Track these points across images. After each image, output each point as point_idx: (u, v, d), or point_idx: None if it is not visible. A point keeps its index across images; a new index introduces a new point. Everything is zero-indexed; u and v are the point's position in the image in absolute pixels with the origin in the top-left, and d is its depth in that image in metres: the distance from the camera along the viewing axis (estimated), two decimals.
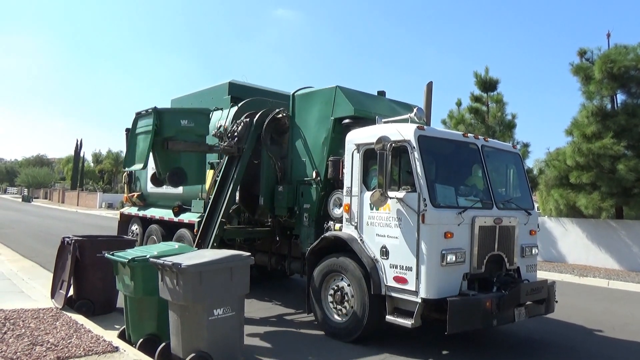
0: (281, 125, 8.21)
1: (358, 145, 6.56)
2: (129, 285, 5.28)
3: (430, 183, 5.87)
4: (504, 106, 18.25)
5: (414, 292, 5.73)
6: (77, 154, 64.25)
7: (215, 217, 7.94)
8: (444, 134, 6.47)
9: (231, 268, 4.86)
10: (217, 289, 4.73)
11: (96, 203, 48.80)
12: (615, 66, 14.48)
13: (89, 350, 5.11)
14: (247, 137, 8.08)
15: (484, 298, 5.71)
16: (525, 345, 6.67)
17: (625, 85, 15.05)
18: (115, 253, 5.56)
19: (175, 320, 4.81)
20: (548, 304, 6.40)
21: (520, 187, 7.07)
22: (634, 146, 14.52)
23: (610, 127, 14.59)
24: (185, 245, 6.56)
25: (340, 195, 6.92)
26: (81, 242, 6.78)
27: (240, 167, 7.97)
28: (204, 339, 4.65)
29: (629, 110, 14.81)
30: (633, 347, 6.79)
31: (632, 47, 15.00)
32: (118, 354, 5.07)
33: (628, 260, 14.68)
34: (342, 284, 6.50)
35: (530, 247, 6.70)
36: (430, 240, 5.68)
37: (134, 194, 11.15)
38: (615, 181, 14.24)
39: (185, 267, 4.54)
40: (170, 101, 10.66)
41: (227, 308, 4.82)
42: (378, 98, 8.00)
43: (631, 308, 9.61)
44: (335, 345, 6.24)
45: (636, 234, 14.69)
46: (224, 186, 8.09)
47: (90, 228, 22.22)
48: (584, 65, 15.67)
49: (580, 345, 6.72)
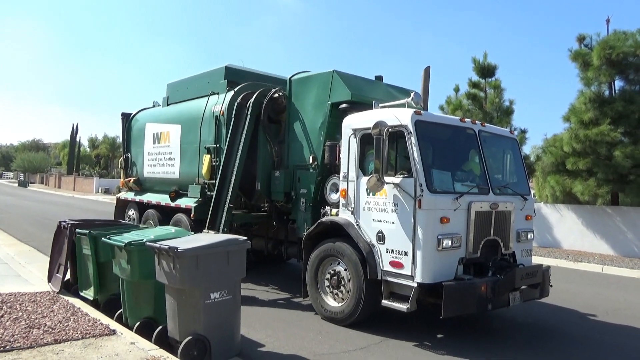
0: (278, 105, 8.16)
1: (355, 130, 6.54)
2: (126, 269, 5.27)
3: (427, 168, 5.86)
4: (502, 92, 18.17)
5: (409, 276, 5.76)
6: (73, 139, 64.00)
7: (222, 203, 7.97)
8: (441, 119, 6.45)
9: (228, 252, 4.85)
10: (213, 272, 4.74)
11: (93, 188, 48.72)
12: (614, 52, 14.34)
13: (86, 333, 5.10)
14: (246, 119, 8.05)
15: (479, 282, 5.74)
16: (519, 328, 6.73)
17: (623, 71, 14.90)
18: (112, 237, 5.54)
19: (172, 304, 4.82)
20: (543, 288, 6.45)
21: (517, 173, 7.08)
22: (631, 133, 14.45)
23: (607, 113, 14.47)
24: (182, 229, 6.56)
25: (337, 181, 6.91)
26: (77, 226, 6.71)
27: (242, 150, 7.95)
28: (201, 323, 4.67)
29: (626, 96, 14.68)
30: (623, 331, 6.86)
31: (631, 33, 14.84)
32: (115, 337, 5.07)
33: (622, 246, 14.76)
34: (339, 268, 6.52)
35: (526, 232, 6.73)
36: (427, 225, 5.69)
37: (131, 178, 11.13)
38: (612, 168, 14.21)
39: (181, 251, 4.53)
40: (166, 86, 10.58)
41: (224, 292, 4.82)
42: (375, 83, 7.96)
43: (624, 293, 9.70)
44: (330, 329, 6.26)
45: (631, 221, 14.74)
46: (227, 171, 8.08)
47: (87, 213, 22.21)
48: (583, 52, 15.52)
49: (572, 329, 6.78)
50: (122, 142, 11.91)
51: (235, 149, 8.07)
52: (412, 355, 5.50)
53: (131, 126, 11.57)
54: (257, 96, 8.14)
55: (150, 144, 10.60)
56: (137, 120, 11.44)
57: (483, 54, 18.46)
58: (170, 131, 9.88)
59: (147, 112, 11.35)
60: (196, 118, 9.07)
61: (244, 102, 8.21)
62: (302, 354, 5.34)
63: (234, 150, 8.08)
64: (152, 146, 10.55)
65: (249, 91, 8.38)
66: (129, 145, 11.57)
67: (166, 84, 10.57)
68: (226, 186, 8.02)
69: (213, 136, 8.66)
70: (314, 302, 6.80)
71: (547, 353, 5.78)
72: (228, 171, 8.07)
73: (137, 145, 11.23)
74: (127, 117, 11.74)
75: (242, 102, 8.20)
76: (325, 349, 5.54)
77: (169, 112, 10.29)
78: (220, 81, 9.04)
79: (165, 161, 10.03)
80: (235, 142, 8.09)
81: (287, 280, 9.04)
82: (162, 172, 10.15)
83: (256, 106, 8.07)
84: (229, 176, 8.04)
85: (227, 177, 8.07)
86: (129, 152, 11.52)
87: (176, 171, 9.70)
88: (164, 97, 10.66)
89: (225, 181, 8.06)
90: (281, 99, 8.11)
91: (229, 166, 8.07)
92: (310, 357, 5.26)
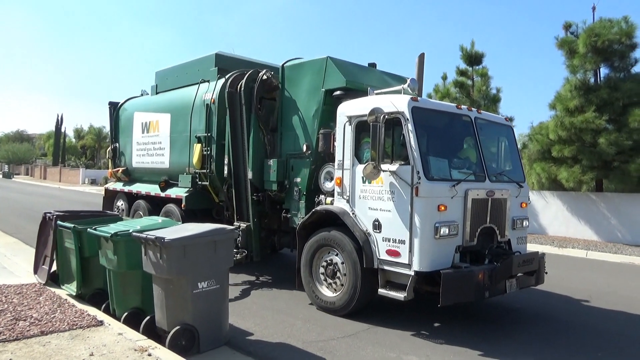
0: (269, 85, 7.92)
1: (350, 117, 6.36)
2: (113, 260, 5.18)
3: (424, 156, 5.71)
4: (489, 80, 18.15)
5: (407, 265, 5.64)
6: (58, 130, 62.73)
7: (244, 197, 7.98)
8: (437, 105, 6.29)
9: (215, 241, 4.79)
10: (201, 262, 4.68)
11: (79, 179, 47.90)
12: (600, 40, 14.34)
13: (73, 324, 5.02)
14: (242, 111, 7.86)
15: (477, 270, 5.63)
16: (507, 314, 6.69)
17: (608, 59, 14.92)
18: (98, 228, 5.42)
19: (159, 294, 4.75)
20: (538, 275, 6.37)
21: (512, 160, 6.96)
22: (615, 120, 14.51)
23: (592, 101, 14.53)
24: (169, 219, 6.39)
25: (332, 169, 6.74)
26: (63, 217, 6.56)
27: (248, 142, 7.82)
28: (189, 312, 4.63)
29: (611, 84, 14.72)
30: (606, 314, 6.89)
31: (617, 21, 14.83)
32: (103, 327, 4.99)
33: (606, 231, 14.88)
34: (334, 258, 6.37)
35: (521, 220, 6.64)
36: (424, 213, 5.56)
37: (119, 169, 10.81)
38: (596, 155, 14.28)
39: (168, 241, 4.45)
40: (155, 74, 10.27)
41: (212, 281, 4.78)
42: (369, 69, 7.76)
43: (607, 277, 9.77)
44: (319, 317, 6.19)
45: (614, 207, 14.84)
46: (239, 165, 7.98)
47: (74, 204, 21.81)
48: (569, 39, 15.51)
49: (557, 313, 6.80)
50: (110, 132, 11.57)
51: (239, 141, 7.90)
52: (400, 341, 5.46)
53: (119, 115, 11.22)
54: (247, 81, 7.90)
55: (139, 133, 10.29)
56: (125, 110, 11.10)
57: (471, 42, 18.37)
58: (160, 120, 9.59)
59: (136, 100, 11.00)
60: (186, 106, 8.80)
61: (235, 89, 7.96)
62: (290, 341, 5.29)
63: (239, 143, 7.91)
64: (140, 135, 10.25)
65: (238, 73, 8.17)
66: (116, 134, 11.23)
67: (155, 72, 10.27)
68: (242, 180, 7.94)
69: (204, 125, 8.41)
70: (309, 293, 6.65)
71: (536, 338, 5.74)
72: (239, 165, 7.95)
73: (125, 135, 10.90)
74: (115, 106, 11.38)
75: (233, 90, 7.95)
76: (313, 336, 5.49)
77: (158, 101, 9.98)
78: (210, 69, 8.77)
79: (154, 151, 9.75)
80: (237, 134, 7.89)
81: (277, 270, 8.92)
82: (151, 161, 9.87)
83: (247, 94, 7.84)
84: (241, 170, 7.94)
85: (240, 172, 7.96)
86: (117, 142, 11.17)
87: (166, 161, 9.43)
88: (152, 86, 10.34)
89: (240, 176, 7.97)
90: (270, 79, 7.88)
91: (239, 159, 7.93)
92: (299, 344, 5.21)
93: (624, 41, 14.51)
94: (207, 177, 8.36)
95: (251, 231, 7.83)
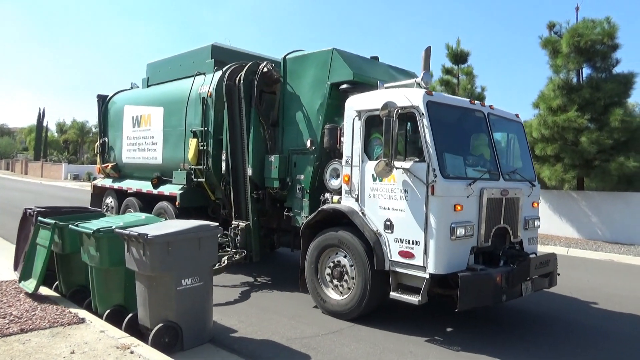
0: (269, 77, 7.31)
1: (359, 111, 5.84)
2: (95, 257, 4.98)
3: (440, 153, 5.24)
4: (474, 79, 17.87)
5: (421, 267, 5.18)
6: (40, 124, 60.53)
7: (243, 194, 7.41)
8: (452, 100, 5.81)
9: (199, 238, 4.65)
10: (185, 259, 4.55)
11: (61, 174, 46.19)
12: (582, 40, 14.12)
13: (54, 322, 4.84)
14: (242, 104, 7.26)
15: (495, 272, 5.20)
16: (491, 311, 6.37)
17: (591, 59, 14.70)
18: (80, 224, 5.21)
19: (142, 291, 4.59)
20: (552, 277, 5.98)
21: (523, 158, 6.54)
22: (597, 119, 14.34)
23: (575, 100, 14.34)
24: (152, 216, 5.99)
25: (338, 166, 6.22)
26: (44, 213, 6.20)
27: (248, 137, 7.23)
28: (172, 309, 4.50)
29: (593, 84, 14.54)
30: (583, 308, 6.75)
31: (599, 21, 14.61)
32: (84, 325, 4.82)
33: (586, 229, 14.74)
34: (341, 259, 5.87)
35: (533, 220, 6.23)
36: (440, 213, 5.11)
37: (108, 164, 10.06)
38: (578, 153, 14.12)
39: (152, 237, 4.31)
40: (146, 65, 9.56)
41: (196, 278, 4.64)
42: (375, 62, 7.24)
43: (587, 274, 9.62)
44: (304, 314, 5.95)
45: (595, 205, 14.72)
46: (237, 161, 7.40)
47: (56, 200, 20.78)
48: (553, 39, 15.28)
49: (534, 307, 6.63)
50: (99, 126, 10.77)
51: (238, 136, 7.30)
52: (384, 338, 5.28)
53: (108, 109, 10.44)
54: (246, 74, 7.30)
55: (130, 127, 9.57)
56: (114, 103, 10.33)
57: (456, 40, 18.01)
58: (152, 114, 8.90)
59: (125, 94, 10.27)
60: (181, 100, 8.15)
61: (233, 81, 7.36)
62: (274, 338, 5.13)
63: (237, 138, 7.32)
64: (131, 130, 9.53)
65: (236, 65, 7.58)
66: (105, 129, 10.45)
67: (146, 64, 9.55)
68: (240, 176, 7.36)
69: (200, 119, 7.78)
70: (314, 296, 6.13)
71: (521, 337, 5.49)
72: (238, 161, 7.35)
73: (114, 129, 10.14)
74: (104, 100, 10.59)
75: (231, 83, 7.35)
76: (297, 333, 5.32)
77: (149, 94, 9.28)
78: (206, 60, 8.13)
79: (146, 146, 9.05)
80: (236, 128, 7.29)
81: (264, 267, 8.44)
82: (142, 157, 9.17)
83: (247, 87, 7.24)
84: (240, 166, 7.35)
85: (239, 168, 7.37)
86: (106, 137, 10.39)
87: (158, 156, 8.75)
88: (143, 78, 9.61)
89: (238, 172, 7.38)
90: (271, 72, 7.28)
91: (237, 155, 7.33)
92: (283, 341, 5.06)
93: (606, 42, 14.31)
94: (203, 174, 7.74)
95: (251, 230, 7.28)
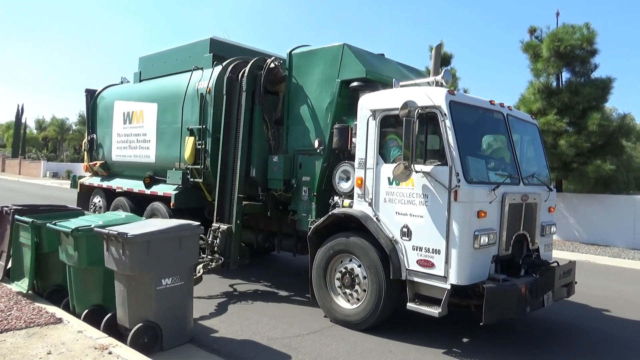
0: (274, 75, 6.74)
1: (374, 111, 5.34)
2: (73, 256, 4.76)
3: (463, 156, 4.78)
4: (457, 81, 17.64)
5: (442, 277, 4.71)
6: (19, 120, 58.06)
7: (229, 193, 6.69)
8: (473, 100, 5.34)
9: (180, 237, 4.51)
10: (165, 258, 4.40)
11: (40, 172, 44.36)
12: (562, 45, 14.03)
13: (30, 322, 4.63)
14: (242, 98, 6.63)
15: (520, 283, 4.76)
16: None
17: (570, 63, 14.63)
18: (58, 222, 4.97)
19: (121, 291, 4.44)
20: (570, 286, 5.59)
21: (538, 161, 6.13)
22: (575, 123, 14.29)
23: (554, 104, 14.23)
24: (133, 214, 5.62)
25: (349, 168, 5.71)
26: (21, 211, 5.84)
27: (243, 133, 6.59)
28: (152, 309, 4.36)
29: (572, 88, 14.46)
30: (561, 310, 6.42)
31: (579, 27, 14.56)
32: (62, 325, 4.63)
33: (564, 230, 14.62)
34: (352, 266, 5.37)
35: (550, 226, 5.83)
36: (463, 220, 4.65)
37: (97, 162, 9.26)
38: (557, 156, 14.00)
39: (132, 236, 4.17)
40: (139, 59, 8.83)
41: (176, 277, 4.49)
42: (385, 59, 6.71)
43: None
44: (285, 314, 5.75)
45: (573, 206, 14.64)
46: (228, 158, 6.73)
47: (34, 198, 19.63)
48: (533, 43, 15.17)
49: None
50: (87, 122, 9.95)
51: (232, 131, 6.67)
52: (364, 337, 5.10)
53: (96, 104, 9.64)
54: (251, 68, 6.69)
55: (120, 124, 8.83)
56: (103, 98, 9.55)
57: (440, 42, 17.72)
58: (145, 110, 8.19)
59: (116, 88, 9.51)
60: (177, 96, 7.48)
61: (236, 76, 6.74)
62: (255, 338, 4.96)
63: (232, 133, 6.68)
64: (122, 127, 8.79)
65: (239, 60, 6.96)
66: (94, 125, 9.65)
67: (138, 58, 8.80)
68: (229, 175, 6.69)
69: (197, 116, 7.13)
70: (322, 304, 5.61)
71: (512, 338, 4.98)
72: (229, 158, 6.70)
73: (103, 126, 9.37)
74: (92, 94, 9.79)
75: (234, 77, 6.73)
76: (279, 333, 5.16)
77: (142, 89, 8.55)
78: (204, 55, 7.47)
79: (138, 143, 8.34)
80: (232, 123, 6.66)
81: (247, 267, 7.82)
82: (134, 155, 8.45)
83: (251, 81, 6.63)
84: (230, 163, 6.67)
85: (228, 165, 6.70)
86: (94, 133, 9.59)
87: (151, 154, 8.05)
88: (135, 73, 8.85)
89: (228, 169, 6.70)
90: (277, 69, 6.70)
91: (229, 151, 6.69)
92: (264, 341, 4.90)
93: (585, 47, 14.27)
94: (200, 174, 7.10)
95: (232, 234, 6.54)
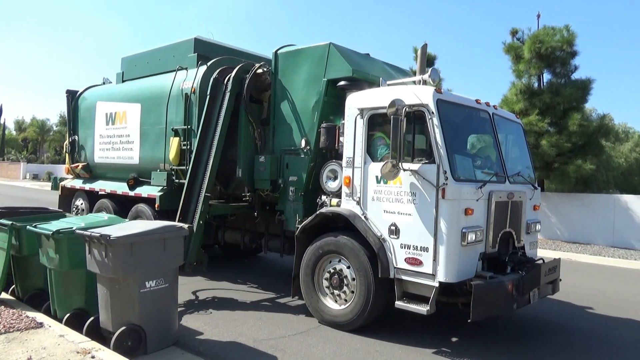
0: (261, 82, 6.65)
1: (362, 109, 5.28)
2: (54, 259, 4.63)
3: (451, 154, 4.76)
4: (441, 82, 17.64)
5: (430, 275, 4.68)
6: None
7: (196, 192, 6.41)
8: (460, 99, 5.32)
9: (164, 239, 4.40)
10: (149, 260, 4.29)
11: (19, 174, 43.33)
12: (543, 46, 14.18)
13: (10, 327, 4.50)
14: (225, 98, 6.49)
15: (507, 280, 4.75)
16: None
17: (551, 65, 14.79)
18: (39, 225, 4.83)
19: (104, 294, 4.33)
20: (555, 283, 5.61)
21: (523, 160, 6.15)
22: (556, 123, 14.45)
23: (536, 104, 14.37)
24: (116, 216, 5.50)
25: (336, 167, 5.64)
26: (1, 214, 5.62)
27: (221, 132, 6.41)
28: (136, 312, 4.24)
29: (553, 89, 14.63)
30: (540, 306, 6.45)
31: (559, 29, 14.74)
32: (43, 329, 4.50)
33: (546, 229, 14.77)
34: (341, 266, 5.30)
35: (535, 224, 5.85)
36: (451, 217, 4.62)
37: (79, 164, 9.01)
38: (538, 156, 14.11)
39: (114, 238, 4.05)
40: (121, 59, 8.63)
41: (160, 280, 4.38)
42: (371, 59, 6.68)
43: None
44: (271, 315, 5.69)
45: (555, 205, 14.80)
46: (202, 156, 6.51)
47: (14, 200, 19.18)
48: (515, 45, 15.32)
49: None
50: (68, 123, 9.67)
51: (211, 130, 6.49)
52: (350, 337, 5.05)
53: (78, 105, 9.39)
54: (238, 72, 6.57)
55: (103, 125, 8.60)
56: (85, 99, 9.30)
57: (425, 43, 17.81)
58: (128, 111, 8.00)
59: (98, 89, 9.27)
60: (161, 96, 7.32)
61: (221, 77, 6.62)
62: (241, 340, 4.89)
63: (210, 132, 6.50)
64: (104, 128, 8.56)
65: (227, 66, 6.81)
66: (75, 126, 9.39)
67: (121, 58, 8.60)
68: (200, 173, 6.46)
69: (182, 117, 6.99)
70: (310, 305, 5.52)
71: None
72: (203, 156, 6.49)
73: (85, 127, 9.12)
74: (73, 95, 9.53)
75: (219, 78, 6.61)
76: (265, 334, 5.08)
77: (125, 90, 8.35)
78: (188, 55, 7.33)
79: (121, 145, 8.14)
80: (212, 122, 6.49)
81: (233, 268, 7.86)
82: (117, 156, 8.25)
83: (237, 83, 6.51)
84: (203, 161, 6.46)
85: (201, 163, 6.49)
86: (76, 135, 9.32)
87: (135, 156, 7.86)
88: (118, 73, 8.64)
89: (200, 167, 6.48)
90: (265, 76, 6.60)
91: (204, 150, 6.49)
92: (249, 342, 4.82)
93: (565, 49, 14.45)
94: (185, 175, 6.94)
95: (192, 235, 6.23)
